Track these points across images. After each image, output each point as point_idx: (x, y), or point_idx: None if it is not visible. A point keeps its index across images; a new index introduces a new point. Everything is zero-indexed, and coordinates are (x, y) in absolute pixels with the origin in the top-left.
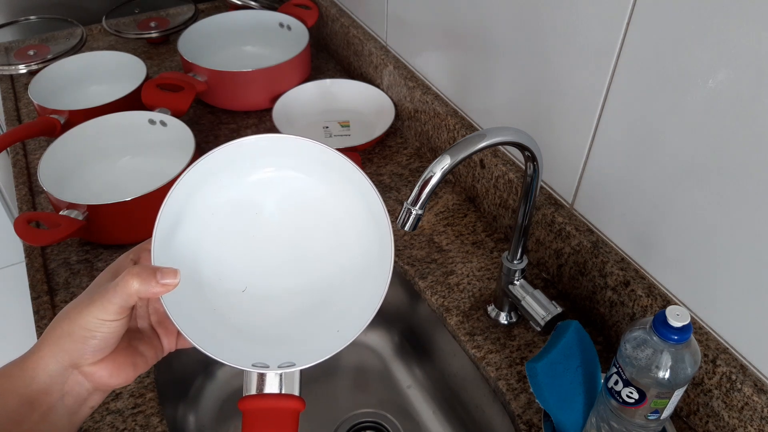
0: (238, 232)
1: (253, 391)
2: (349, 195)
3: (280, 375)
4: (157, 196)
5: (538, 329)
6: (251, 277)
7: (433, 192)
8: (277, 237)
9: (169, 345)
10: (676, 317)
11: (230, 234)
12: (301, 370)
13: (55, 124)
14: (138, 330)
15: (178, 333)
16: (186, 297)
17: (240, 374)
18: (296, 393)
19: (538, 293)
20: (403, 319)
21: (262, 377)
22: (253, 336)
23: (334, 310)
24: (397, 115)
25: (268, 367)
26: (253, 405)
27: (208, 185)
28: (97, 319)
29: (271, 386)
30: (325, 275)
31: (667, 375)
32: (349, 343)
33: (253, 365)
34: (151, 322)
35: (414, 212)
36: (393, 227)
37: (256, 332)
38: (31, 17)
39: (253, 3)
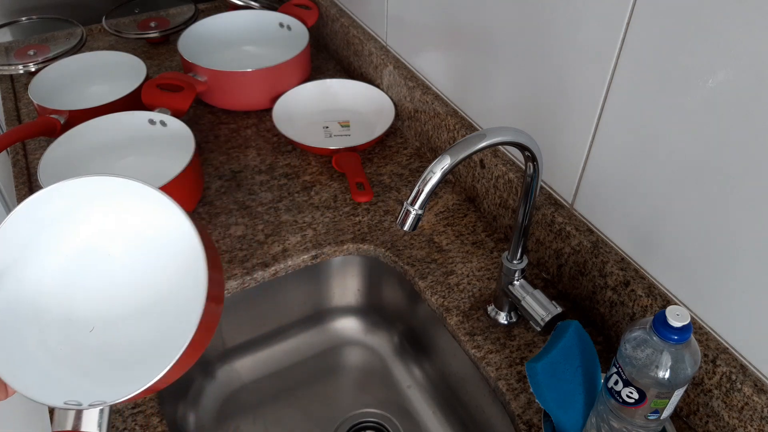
0: (75, 274)
1: (69, 428)
2: (170, 226)
3: (99, 411)
4: None
5: (538, 329)
6: (99, 318)
7: (433, 192)
8: (112, 278)
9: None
10: (676, 317)
11: (66, 276)
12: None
13: (55, 124)
14: None
15: None
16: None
17: (241, 373)
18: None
19: (538, 293)
20: (403, 319)
21: (78, 414)
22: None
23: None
24: (397, 115)
25: (80, 404)
26: None
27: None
28: None
29: (89, 424)
30: (161, 310)
31: (667, 375)
32: (162, 374)
33: (65, 402)
34: None
35: (414, 212)
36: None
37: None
38: (32, 17)
39: (253, 3)
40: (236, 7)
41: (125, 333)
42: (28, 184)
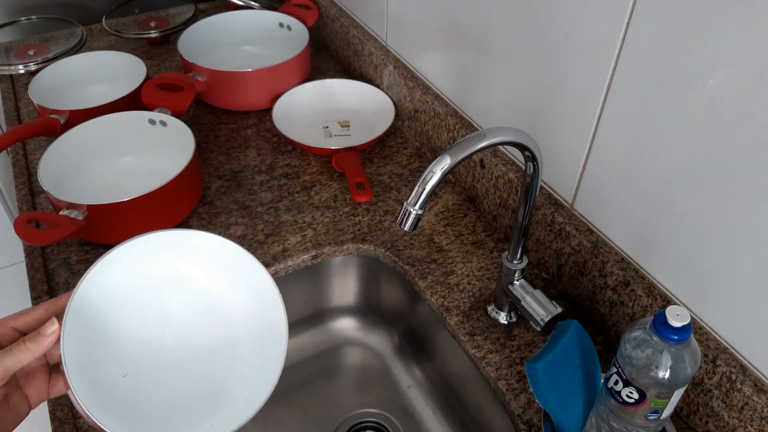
0: (138, 319)
1: None
2: (246, 294)
3: None
4: (157, 196)
5: (538, 329)
6: (136, 365)
7: (433, 192)
8: (172, 330)
9: (39, 396)
10: (676, 317)
11: (131, 320)
12: None
13: (55, 124)
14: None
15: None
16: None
17: None
18: None
19: (538, 293)
20: (403, 319)
21: None
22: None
23: (212, 404)
24: (397, 115)
25: None
26: None
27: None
28: None
29: None
30: (210, 374)
31: (667, 375)
32: None
33: None
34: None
35: (414, 212)
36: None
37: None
38: (32, 17)
39: (253, 3)
40: (236, 7)
41: (160, 386)
42: (28, 184)
